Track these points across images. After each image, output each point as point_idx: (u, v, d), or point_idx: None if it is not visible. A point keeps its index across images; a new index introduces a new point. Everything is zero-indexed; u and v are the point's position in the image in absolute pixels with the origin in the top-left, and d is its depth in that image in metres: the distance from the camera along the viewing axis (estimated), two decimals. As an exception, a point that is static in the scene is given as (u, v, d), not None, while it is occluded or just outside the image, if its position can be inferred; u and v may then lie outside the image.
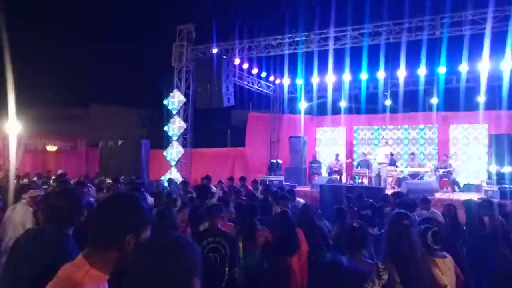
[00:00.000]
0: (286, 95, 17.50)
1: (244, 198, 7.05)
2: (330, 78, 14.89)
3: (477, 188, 12.43)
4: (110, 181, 9.16)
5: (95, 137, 20.21)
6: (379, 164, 12.80)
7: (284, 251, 3.79)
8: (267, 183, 12.52)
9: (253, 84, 16.60)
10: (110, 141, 14.51)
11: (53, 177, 11.83)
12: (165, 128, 14.12)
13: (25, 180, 11.26)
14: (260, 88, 17.19)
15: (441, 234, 3.05)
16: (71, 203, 2.28)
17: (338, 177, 14.23)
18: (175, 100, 13.88)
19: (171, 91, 14.06)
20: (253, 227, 4.18)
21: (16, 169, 13.23)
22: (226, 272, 3.54)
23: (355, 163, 15.02)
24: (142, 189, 7.16)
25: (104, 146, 14.64)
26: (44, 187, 9.89)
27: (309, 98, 17.40)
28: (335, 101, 16.53)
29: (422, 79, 14.28)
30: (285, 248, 3.79)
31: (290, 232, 3.89)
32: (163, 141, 15.42)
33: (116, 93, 25.04)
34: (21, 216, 4.64)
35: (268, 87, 17.67)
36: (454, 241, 4.20)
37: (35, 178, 12.26)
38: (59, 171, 13.77)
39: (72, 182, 9.91)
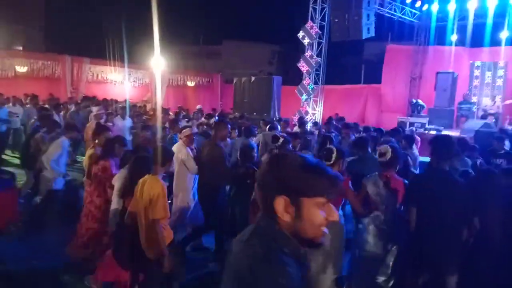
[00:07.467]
0: (433, 23, 15.12)
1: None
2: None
3: None
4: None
5: (229, 73, 20.87)
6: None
7: None
8: (408, 125, 11.37)
9: (395, 11, 14.66)
10: (243, 77, 14.71)
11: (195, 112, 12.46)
12: (299, 65, 13.54)
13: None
14: (403, 16, 15.13)
15: None
16: None
17: (494, 121, 12.12)
18: (309, 32, 13.03)
19: (305, 24, 13.21)
20: None
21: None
22: None
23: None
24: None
25: (238, 82, 14.92)
26: (186, 120, 10.56)
27: (462, 26, 14.77)
28: (496, 29, 13.69)
29: None
30: None
31: None
32: (293, 77, 15.01)
33: (248, 28, 25.13)
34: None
35: (413, 14, 15.46)
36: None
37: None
38: (198, 106, 14.58)
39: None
